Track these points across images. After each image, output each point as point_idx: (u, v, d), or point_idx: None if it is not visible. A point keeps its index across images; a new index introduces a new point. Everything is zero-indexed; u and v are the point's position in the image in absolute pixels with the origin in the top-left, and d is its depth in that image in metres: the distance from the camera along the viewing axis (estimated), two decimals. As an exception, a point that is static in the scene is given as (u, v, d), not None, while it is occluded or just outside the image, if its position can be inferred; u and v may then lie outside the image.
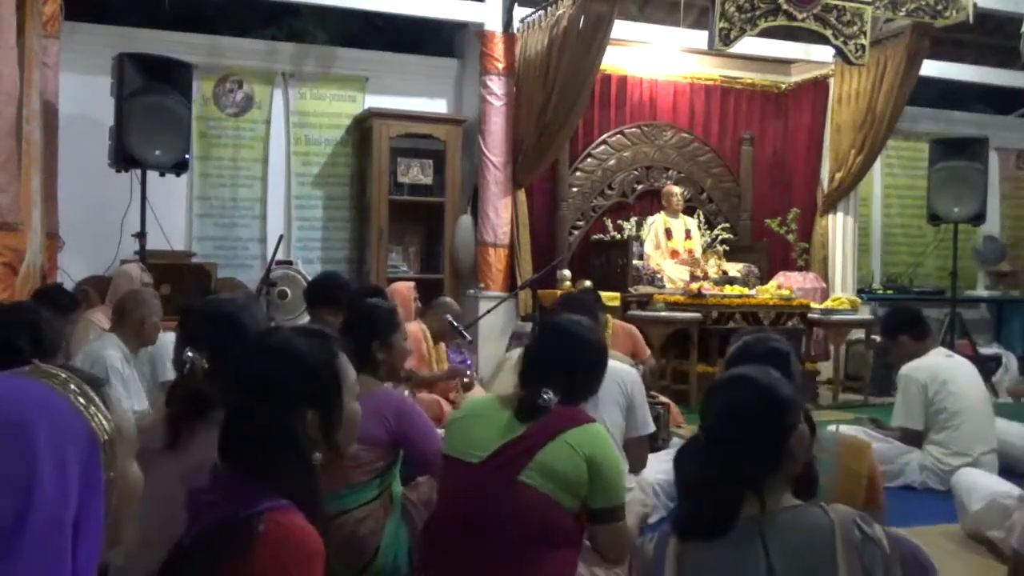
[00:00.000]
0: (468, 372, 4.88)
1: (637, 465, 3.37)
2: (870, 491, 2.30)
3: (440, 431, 2.99)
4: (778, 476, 1.58)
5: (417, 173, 7.12)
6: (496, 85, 6.88)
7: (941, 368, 4.30)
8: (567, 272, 6.84)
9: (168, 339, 3.89)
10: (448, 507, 2.23)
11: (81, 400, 1.03)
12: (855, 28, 6.08)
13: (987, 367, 7.69)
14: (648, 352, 5.59)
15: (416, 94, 7.48)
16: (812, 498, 1.67)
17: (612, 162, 7.80)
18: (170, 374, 3.84)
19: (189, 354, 1.99)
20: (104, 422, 1.04)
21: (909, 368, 4.29)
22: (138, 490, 1.11)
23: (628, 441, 3.22)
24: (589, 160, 7.72)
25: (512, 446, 2.13)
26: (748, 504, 1.54)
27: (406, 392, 3.92)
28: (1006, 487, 3.40)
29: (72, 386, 1.04)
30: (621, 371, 3.24)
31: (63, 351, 2.95)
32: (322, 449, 1.57)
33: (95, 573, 1.05)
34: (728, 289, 6.71)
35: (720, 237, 7.85)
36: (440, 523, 2.23)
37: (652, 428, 3.38)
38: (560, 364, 2.24)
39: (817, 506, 1.57)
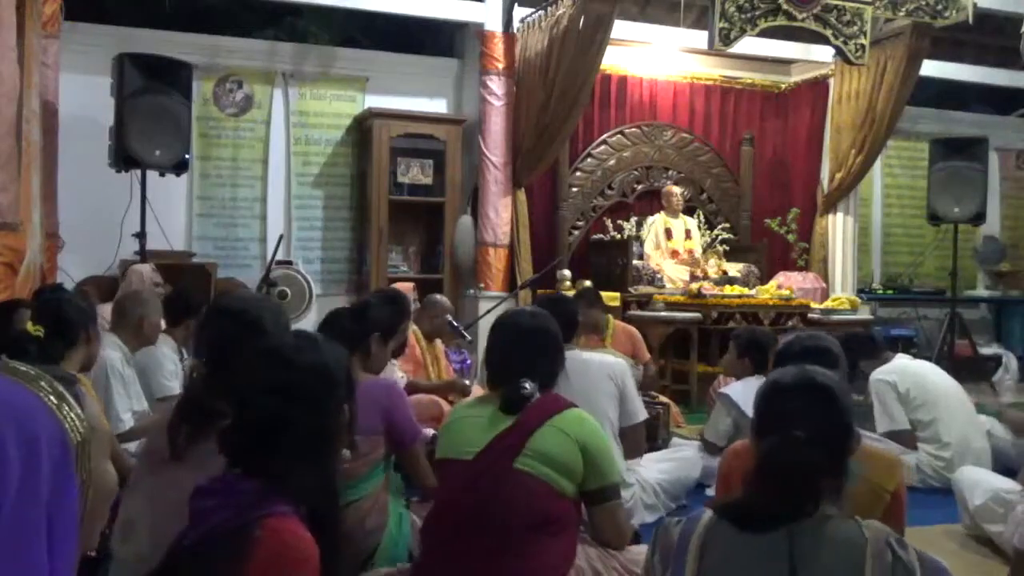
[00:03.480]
0: (466, 383, 4.82)
1: (634, 452, 3.43)
2: (894, 508, 2.22)
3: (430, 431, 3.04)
4: (835, 481, 1.58)
5: (417, 173, 7.12)
6: (496, 85, 6.88)
7: (906, 367, 4.32)
8: (567, 272, 6.84)
9: (159, 351, 3.84)
10: (447, 504, 2.25)
11: (53, 399, 1.01)
12: (855, 28, 6.08)
13: (987, 367, 7.69)
14: (648, 356, 5.58)
15: (416, 94, 7.48)
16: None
17: (612, 162, 7.80)
18: (165, 390, 3.78)
19: (188, 362, 2.00)
20: (77, 421, 1.02)
21: (876, 374, 4.31)
22: (112, 490, 1.10)
23: (623, 430, 3.28)
24: (589, 160, 7.72)
25: (503, 437, 2.18)
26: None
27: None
28: (1008, 483, 3.40)
29: (43, 383, 1.02)
30: (610, 363, 3.34)
31: (93, 335, 2.91)
32: (348, 445, 1.64)
33: (74, 570, 1.03)
34: (728, 289, 6.70)
35: (720, 237, 7.85)
36: (440, 520, 2.25)
37: (645, 415, 3.43)
38: (523, 356, 2.33)
39: (852, 520, 1.55)
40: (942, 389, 4.29)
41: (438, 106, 7.57)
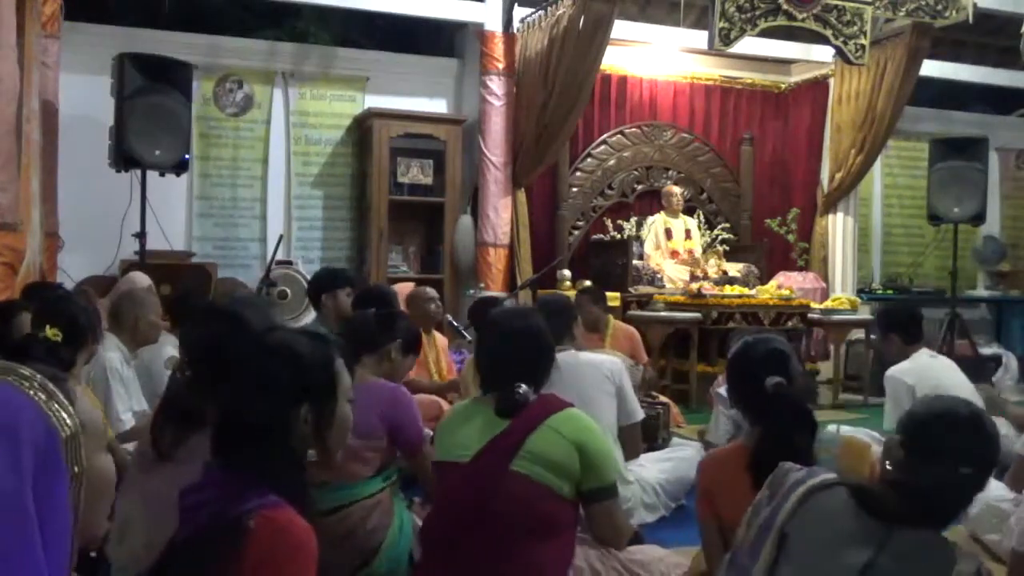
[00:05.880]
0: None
1: (632, 453, 3.42)
2: None
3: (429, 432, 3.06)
4: None
5: (417, 173, 7.12)
6: (496, 85, 6.88)
7: (928, 369, 4.22)
8: (567, 272, 6.84)
9: (165, 351, 3.84)
10: (445, 507, 2.24)
11: (41, 395, 1.03)
12: (855, 28, 6.08)
13: (987, 367, 7.68)
14: (647, 358, 5.57)
15: (416, 94, 7.48)
16: None
17: (612, 162, 7.80)
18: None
19: (171, 356, 1.99)
20: (66, 417, 1.04)
21: (895, 371, 4.21)
22: (109, 482, 1.11)
23: (621, 429, 3.26)
24: (589, 160, 7.72)
25: (499, 439, 2.16)
26: None
27: None
28: (1001, 491, 3.38)
29: (35, 382, 1.04)
30: (606, 362, 3.34)
31: (98, 335, 2.93)
32: (314, 446, 1.57)
33: (68, 561, 1.04)
34: (728, 289, 6.70)
35: (720, 237, 7.86)
36: (438, 522, 2.25)
37: (642, 415, 3.43)
38: (516, 359, 2.28)
39: (948, 542, 1.55)
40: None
41: (438, 106, 7.57)
